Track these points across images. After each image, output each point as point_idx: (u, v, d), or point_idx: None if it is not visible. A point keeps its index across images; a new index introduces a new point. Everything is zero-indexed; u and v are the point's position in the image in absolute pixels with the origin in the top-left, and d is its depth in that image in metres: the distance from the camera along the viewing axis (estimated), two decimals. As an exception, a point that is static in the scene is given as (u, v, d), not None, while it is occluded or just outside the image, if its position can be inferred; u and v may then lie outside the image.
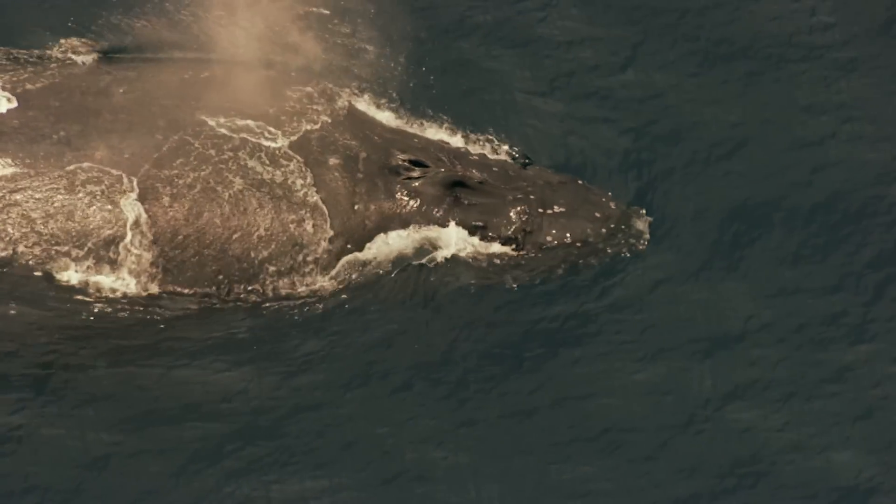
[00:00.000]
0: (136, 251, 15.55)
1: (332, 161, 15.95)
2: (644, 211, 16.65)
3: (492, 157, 16.79)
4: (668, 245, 16.87)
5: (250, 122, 15.98)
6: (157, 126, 15.76)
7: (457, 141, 17.00)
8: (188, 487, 15.35)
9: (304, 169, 15.86)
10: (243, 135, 15.89)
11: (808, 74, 18.43)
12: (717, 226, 17.11)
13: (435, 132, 16.96)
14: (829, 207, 17.43)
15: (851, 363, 16.40)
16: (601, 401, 16.00)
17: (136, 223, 15.53)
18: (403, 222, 16.11)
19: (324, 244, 15.82)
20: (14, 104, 15.89)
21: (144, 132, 15.75)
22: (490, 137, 17.14)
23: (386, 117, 16.93)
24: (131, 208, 15.51)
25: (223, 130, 15.87)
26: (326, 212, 15.82)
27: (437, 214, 16.16)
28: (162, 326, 15.78)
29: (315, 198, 15.82)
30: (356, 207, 15.89)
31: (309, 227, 15.77)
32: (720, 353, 16.34)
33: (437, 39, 18.18)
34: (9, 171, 15.60)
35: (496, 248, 16.33)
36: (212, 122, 15.91)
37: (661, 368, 16.19)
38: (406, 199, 16.09)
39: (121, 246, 15.53)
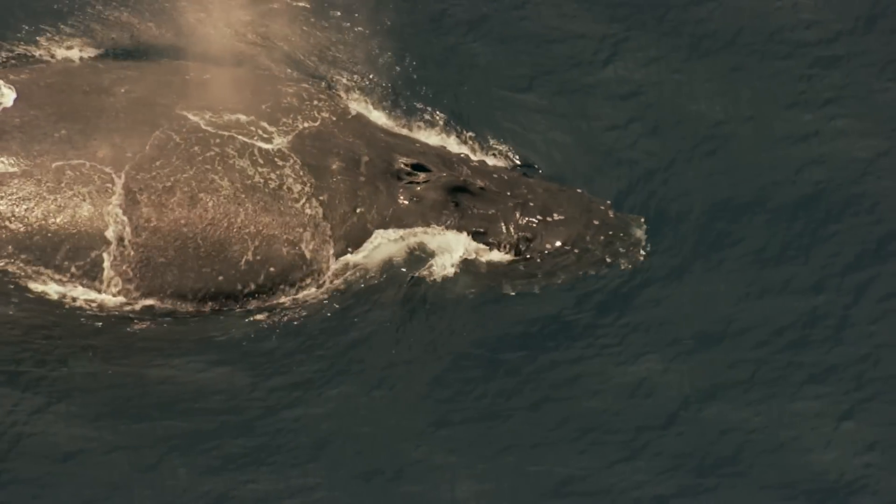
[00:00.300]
0: (121, 259, 15.42)
1: (335, 164, 15.90)
2: (643, 220, 16.68)
3: (492, 163, 16.81)
4: (650, 246, 16.75)
5: (250, 124, 15.88)
6: (158, 126, 15.67)
7: (440, 138, 17.00)
8: (162, 485, 15.22)
9: (304, 171, 15.76)
10: (242, 136, 15.78)
11: (791, 71, 18.39)
12: (699, 225, 17.05)
13: (426, 133, 16.95)
14: (812, 206, 17.37)
15: (834, 364, 16.33)
16: (582, 402, 15.93)
17: (123, 228, 15.38)
18: (404, 227, 16.08)
19: (323, 247, 15.76)
20: (14, 94, 15.80)
21: (146, 132, 15.64)
22: (473, 134, 17.14)
23: (376, 116, 16.93)
24: (117, 214, 15.37)
25: (221, 131, 15.76)
26: (327, 214, 15.75)
27: (439, 219, 16.17)
28: (138, 325, 15.66)
29: (316, 200, 15.73)
30: (358, 211, 15.83)
31: (309, 229, 15.70)
32: (702, 354, 16.27)
33: (421, 35, 18.11)
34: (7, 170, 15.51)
35: (496, 254, 16.35)
36: (210, 123, 15.80)
37: (642, 369, 16.11)
38: (408, 203, 16.07)
39: (105, 254, 15.41)
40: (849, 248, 17.09)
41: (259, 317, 15.81)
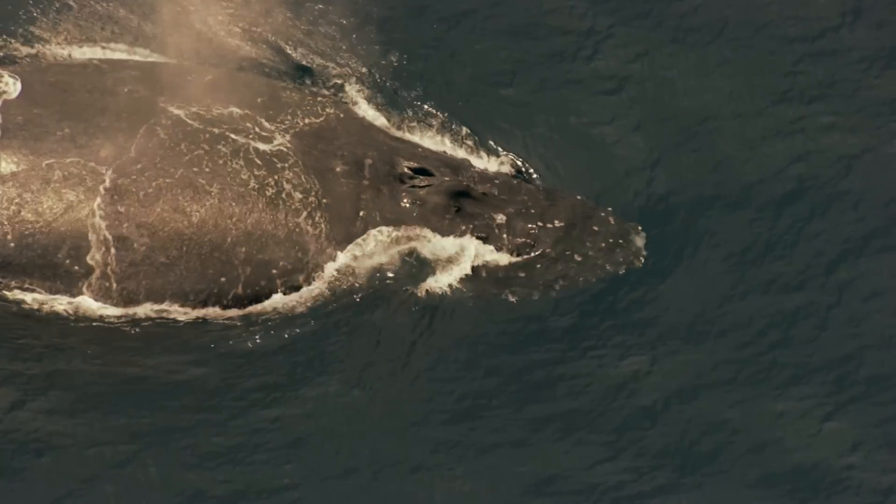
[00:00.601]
0: (108, 261, 15.32)
1: (338, 167, 15.91)
2: (641, 228, 16.65)
3: (492, 167, 16.87)
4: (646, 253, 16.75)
5: (254, 123, 15.86)
6: (163, 126, 15.61)
7: (435, 139, 17.00)
8: (137, 482, 15.17)
9: (309, 173, 15.74)
10: (245, 136, 15.74)
11: (777, 67, 18.27)
12: (683, 225, 16.99)
13: (419, 131, 16.96)
14: (796, 203, 17.31)
15: (818, 365, 16.30)
16: (565, 402, 15.89)
17: (123, 229, 15.30)
18: (406, 230, 16.09)
19: (325, 249, 15.75)
20: (19, 84, 15.77)
21: (149, 132, 15.58)
22: (468, 131, 17.15)
23: (372, 115, 16.94)
24: (115, 214, 15.28)
25: (224, 132, 15.71)
26: (331, 217, 15.76)
27: (440, 224, 16.17)
28: (117, 325, 15.54)
29: (320, 203, 15.74)
30: (361, 214, 15.85)
31: (313, 232, 15.68)
32: (685, 354, 16.25)
33: (408, 30, 18.03)
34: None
35: (496, 259, 16.34)
36: (212, 123, 15.73)
37: (625, 369, 16.08)
38: (410, 206, 16.08)
39: (92, 255, 15.34)
40: (833, 246, 17.03)
41: (239, 317, 15.74)
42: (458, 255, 16.19)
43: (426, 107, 17.16)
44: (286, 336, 15.75)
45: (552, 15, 18.26)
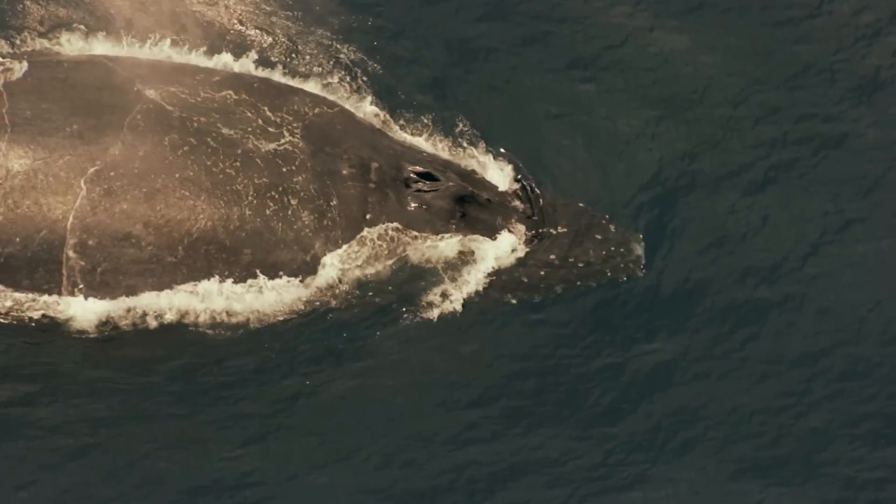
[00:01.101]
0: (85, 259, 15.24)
1: (345, 169, 15.98)
2: (641, 236, 16.73)
3: (493, 173, 16.91)
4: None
5: (266, 123, 15.88)
6: (170, 126, 15.57)
7: (430, 141, 17.06)
8: (95, 470, 15.07)
9: (315, 176, 15.77)
10: (253, 136, 15.76)
11: (756, 53, 18.24)
12: (657, 215, 16.95)
13: (412, 128, 17.07)
14: (773, 191, 17.26)
15: (793, 358, 16.30)
16: (535, 395, 15.89)
17: (133, 226, 15.25)
18: (411, 233, 16.17)
19: (331, 251, 15.78)
20: (25, 64, 15.78)
21: (155, 131, 15.53)
22: (459, 126, 17.19)
23: (372, 117, 16.98)
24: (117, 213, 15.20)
25: (231, 132, 15.71)
26: (338, 220, 15.79)
27: (445, 228, 16.28)
28: (97, 320, 15.43)
29: (328, 205, 15.76)
30: (368, 217, 15.92)
31: (321, 234, 15.71)
32: (658, 347, 16.23)
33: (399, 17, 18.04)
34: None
35: (499, 264, 16.38)
36: (221, 123, 15.71)
37: (598, 362, 16.09)
38: (416, 210, 16.18)
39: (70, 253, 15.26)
40: (809, 237, 16.99)
41: (229, 315, 15.68)
42: (460, 260, 16.26)
43: (419, 102, 17.21)
44: (258, 334, 15.63)
45: (531, 1, 18.25)
